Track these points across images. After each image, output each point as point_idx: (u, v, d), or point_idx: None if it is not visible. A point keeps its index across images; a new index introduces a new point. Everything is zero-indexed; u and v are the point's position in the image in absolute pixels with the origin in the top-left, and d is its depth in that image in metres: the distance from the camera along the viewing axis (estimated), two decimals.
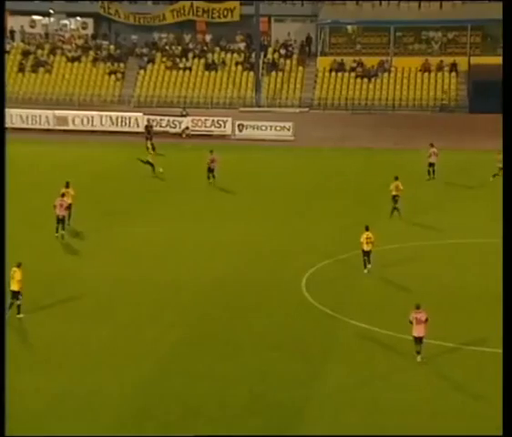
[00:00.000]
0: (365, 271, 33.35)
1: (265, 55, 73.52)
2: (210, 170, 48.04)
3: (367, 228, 33.56)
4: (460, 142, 58.73)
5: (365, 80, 70.76)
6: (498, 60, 68.60)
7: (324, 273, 33.76)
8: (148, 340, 27.07)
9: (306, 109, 69.32)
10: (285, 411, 22.70)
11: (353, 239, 34.31)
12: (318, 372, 24.87)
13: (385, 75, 71.02)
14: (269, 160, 56.27)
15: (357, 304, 30.56)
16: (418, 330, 25.53)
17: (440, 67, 70.70)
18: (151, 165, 50.09)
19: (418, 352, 25.66)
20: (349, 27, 75.39)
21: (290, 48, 74.65)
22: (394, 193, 41.36)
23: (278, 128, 63.63)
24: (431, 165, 49.24)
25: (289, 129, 63.23)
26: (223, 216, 42.25)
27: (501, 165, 45.44)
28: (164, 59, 75.34)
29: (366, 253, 33.37)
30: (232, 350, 26.47)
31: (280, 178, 50.85)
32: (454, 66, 70.05)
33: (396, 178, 41.71)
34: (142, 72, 74.30)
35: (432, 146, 49.58)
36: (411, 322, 25.59)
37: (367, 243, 33.28)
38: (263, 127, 63.75)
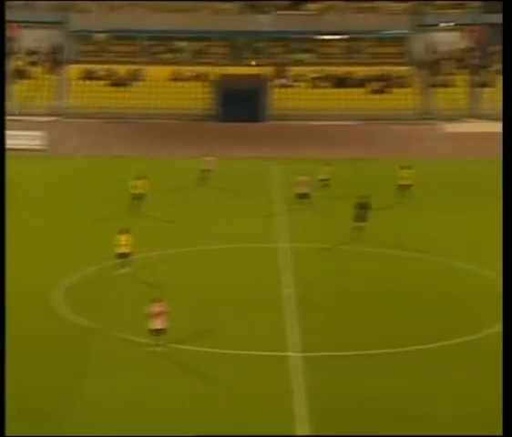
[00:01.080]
0: (117, 273, 33.96)
1: (14, 62, 71.81)
2: None
3: (123, 231, 34.15)
4: (211, 149, 60.26)
5: (118, 88, 70.97)
6: (245, 70, 71.54)
7: (85, 282, 33.81)
8: None
9: (58, 118, 68.46)
10: (45, 421, 22.62)
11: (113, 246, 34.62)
12: (78, 383, 24.90)
13: (138, 83, 71.59)
14: (20, 170, 55.12)
15: (116, 312, 30.82)
16: (158, 323, 26.37)
17: (190, 77, 72.25)
18: None
19: (158, 345, 26.52)
20: (99, 35, 75.25)
21: (39, 56, 73.40)
22: (137, 191, 44.12)
23: (29, 137, 62.49)
24: (204, 171, 50.96)
25: (40, 138, 62.27)
26: None
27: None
28: None
29: (122, 256, 33.95)
30: None
31: (33, 188, 50.04)
32: (203, 76, 71.83)
33: (140, 178, 44.33)
34: None
35: (207, 154, 51.68)
36: (151, 316, 26.40)
37: (122, 246, 33.89)
38: (14, 137, 62.28)
